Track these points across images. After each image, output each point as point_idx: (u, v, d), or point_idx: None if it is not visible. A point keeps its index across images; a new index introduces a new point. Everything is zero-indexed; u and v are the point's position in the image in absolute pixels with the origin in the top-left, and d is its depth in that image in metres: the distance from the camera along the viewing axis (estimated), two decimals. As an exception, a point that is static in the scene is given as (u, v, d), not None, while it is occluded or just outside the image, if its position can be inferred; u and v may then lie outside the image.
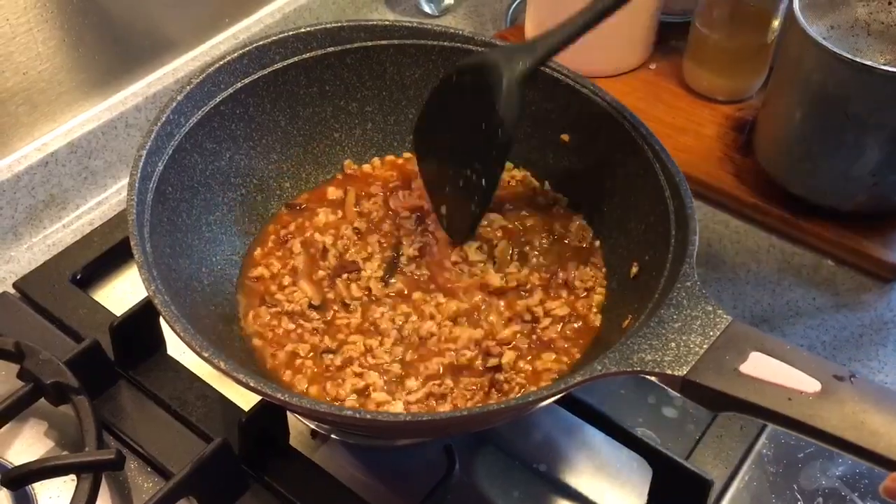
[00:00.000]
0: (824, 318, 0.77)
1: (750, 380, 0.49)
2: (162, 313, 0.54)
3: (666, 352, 0.51)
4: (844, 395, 0.48)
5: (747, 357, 0.50)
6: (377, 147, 0.78)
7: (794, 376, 0.49)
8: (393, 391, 0.61)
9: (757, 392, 0.48)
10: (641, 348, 0.52)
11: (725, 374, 0.50)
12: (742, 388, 0.49)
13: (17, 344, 0.66)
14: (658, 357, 0.51)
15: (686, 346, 0.52)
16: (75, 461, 0.60)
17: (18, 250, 0.80)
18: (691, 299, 0.54)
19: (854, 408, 0.47)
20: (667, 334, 0.52)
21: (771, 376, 0.49)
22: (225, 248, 0.69)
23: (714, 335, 0.52)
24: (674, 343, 0.52)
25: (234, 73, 0.69)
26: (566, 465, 0.67)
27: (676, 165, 0.63)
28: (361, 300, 0.67)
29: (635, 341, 0.52)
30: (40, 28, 0.77)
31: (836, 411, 0.47)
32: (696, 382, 0.50)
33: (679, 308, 0.54)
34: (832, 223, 0.81)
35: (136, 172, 0.60)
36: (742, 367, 0.50)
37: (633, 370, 0.51)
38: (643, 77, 0.97)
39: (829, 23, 0.80)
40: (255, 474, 0.64)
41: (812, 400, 0.48)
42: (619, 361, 0.51)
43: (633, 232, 0.67)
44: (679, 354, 0.51)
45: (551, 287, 0.68)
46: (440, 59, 0.74)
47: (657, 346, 0.52)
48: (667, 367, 0.51)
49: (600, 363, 0.52)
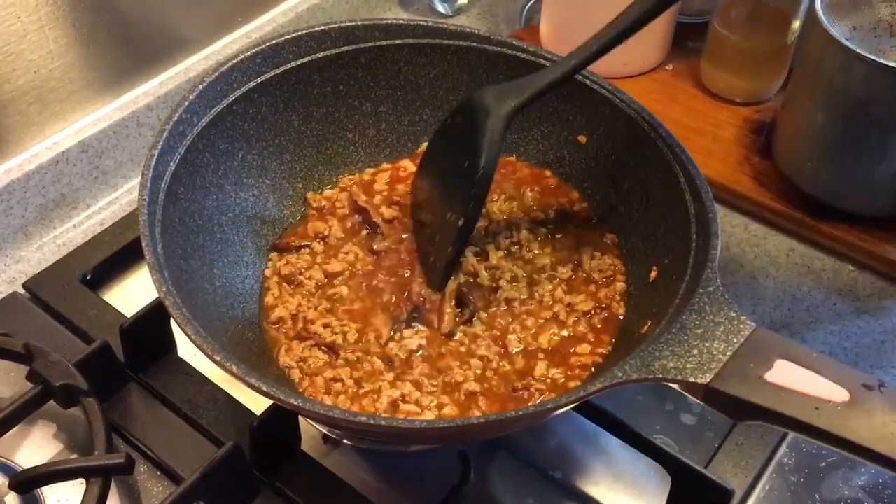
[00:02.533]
0: (845, 324, 0.76)
1: (775, 388, 0.48)
2: (173, 315, 0.53)
3: (689, 359, 0.50)
4: (874, 404, 0.46)
5: (772, 365, 0.49)
6: (391, 148, 0.77)
7: (821, 385, 0.47)
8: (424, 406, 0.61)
9: (783, 401, 0.47)
10: (663, 355, 0.51)
11: (750, 382, 0.48)
12: (767, 396, 0.47)
13: (27, 345, 0.65)
14: (681, 364, 0.50)
15: (709, 353, 0.50)
16: (84, 465, 0.59)
17: (29, 250, 0.80)
18: (714, 305, 0.53)
19: (884, 418, 0.45)
20: (689, 341, 0.51)
21: (797, 385, 0.47)
22: (237, 250, 0.68)
23: (738, 342, 0.50)
24: (696, 350, 0.51)
25: (247, 72, 0.69)
26: (582, 473, 0.66)
27: (697, 167, 0.62)
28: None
29: (657, 348, 0.51)
30: (52, 26, 0.76)
31: (866, 422, 0.45)
32: (719, 391, 0.48)
33: (701, 314, 0.53)
34: (853, 227, 0.80)
35: (148, 172, 0.59)
36: (767, 375, 0.48)
37: (654, 378, 0.50)
38: (659, 78, 0.96)
39: (851, 23, 0.78)
40: (266, 479, 0.63)
41: (840, 410, 0.46)
42: (640, 368, 0.50)
43: (653, 236, 0.65)
44: (702, 361, 0.50)
45: (574, 281, 0.67)
46: (456, 59, 0.73)
47: (679, 352, 0.51)
48: (689, 374, 0.49)
49: (621, 370, 0.50)
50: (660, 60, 0.97)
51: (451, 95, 0.75)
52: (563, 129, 0.72)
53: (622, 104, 0.67)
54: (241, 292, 0.67)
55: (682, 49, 0.98)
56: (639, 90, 0.93)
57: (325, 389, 0.61)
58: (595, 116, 0.70)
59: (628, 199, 0.69)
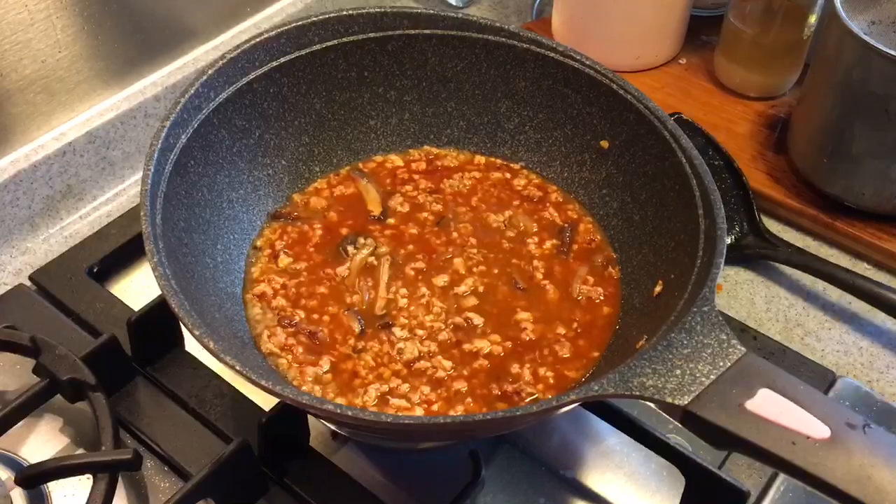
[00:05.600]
0: (861, 322, 0.75)
1: (754, 418, 0.46)
2: (161, 286, 0.52)
3: (669, 378, 0.49)
4: (854, 445, 0.44)
5: (755, 393, 0.47)
6: (413, 138, 0.76)
7: (802, 419, 0.45)
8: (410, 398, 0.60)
9: (759, 432, 0.45)
10: (644, 372, 0.49)
11: (729, 408, 0.46)
12: (744, 425, 0.45)
13: (33, 338, 0.64)
14: (660, 383, 0.48)
15: (692, 375, 0.49)
16: (91, 461, 0.59)
17: (35, 242, 0.79)
18: (706, 325, 0.51)
19: (862, 460, 0.43)
20: (673, 360, 0.49)
21: (777, 416, 0.46)
22: (244, 227, 0.68)
23: (724, 366, 0.49)
24: (679, 370, 0.49)
25: (270, 51, 0.68)
26: (594, 473, 0.65)
27: (714, 183, 0.60)
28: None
29: (639, 364, 0.50)
30: (59, 15, 0.75)
31: (843, 462, 0.43)
32: (696, 415, 0.47)
33: (691, 333, 0.51)
34: (870, 225, 0.79)
35: (157, 143, 0.59)
36: (748, 403, 0.46)
37: (631, 395, 0.48)
38: (673, 72, 0.95)
39: (870, 18, 0.77)
40: (274, 476, 0.62)
41: (818, 447, 0.44)
42: (617, 384, 0.49)
43: (663, 249, 0.64)
44: (683, 383, 0.48)
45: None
46: (484, 54, 0.72)
47: (661, 371, 0.49)
48: (668, 394, 0.48)
49: (598, 384, 0.49)
50: (673, 54, 0.96)
51: (478, 90, 0.74)
52: (587, 133, 0.71)
53: (646, 111, 0.66)
54: (242, 270, 0.66)
55: (696, 43, 0.97)
56: (652, 84, 0.93)
57: (314, 380, 0.61)
58: (619, 122, 0.69)
59: (644, 209, 0.67)
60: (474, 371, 0.62)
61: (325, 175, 0.74)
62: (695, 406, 0.47)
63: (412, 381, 0.61)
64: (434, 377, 0.61)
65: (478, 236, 0.70)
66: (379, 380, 0.61)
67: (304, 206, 0.72)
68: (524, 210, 0.72)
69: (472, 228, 0.71)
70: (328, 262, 0.68)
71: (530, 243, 0.70)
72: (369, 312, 0.65)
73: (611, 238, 0.70)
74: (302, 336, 0.63)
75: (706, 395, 0.47)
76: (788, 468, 0.44)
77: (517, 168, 0.75)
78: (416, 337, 0.63)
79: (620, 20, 0.91)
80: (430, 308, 0.65)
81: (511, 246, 0.70)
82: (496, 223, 0.71)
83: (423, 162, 0.75)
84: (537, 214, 0.72)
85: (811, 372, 0.70)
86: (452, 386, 0.61)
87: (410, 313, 0.65)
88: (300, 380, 0.60)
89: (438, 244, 0.70)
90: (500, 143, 0.76)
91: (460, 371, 0.62)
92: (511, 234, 0.71)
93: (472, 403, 0.60)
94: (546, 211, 0.72)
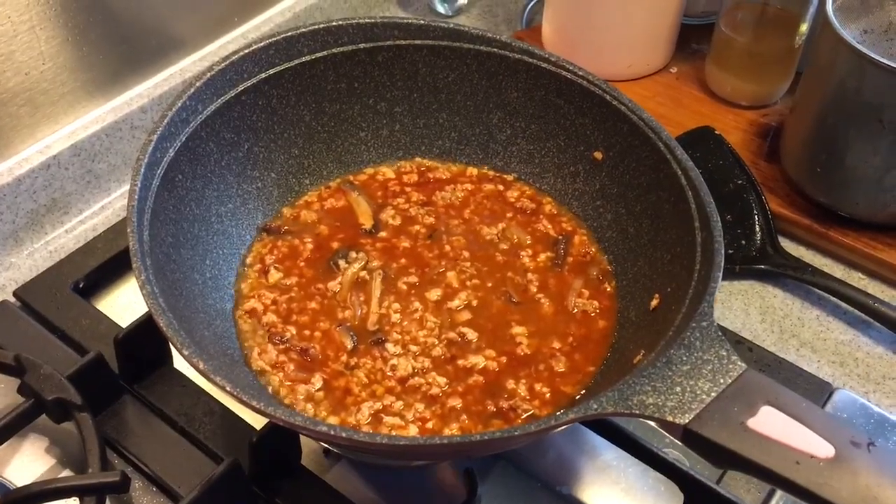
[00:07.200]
0: (856, 333, 0.75)
1: (756, 436, 0.45)
2: (148, 305, 0.51)
3: (670, 396, 0.48)
4: (859, 464, 0.44)
5: (757, 411, 0.46)
6: (404, 150, 0.75)
7: (806, 437, 0.45)
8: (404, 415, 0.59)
9: (762, 451, 0.44)
10: (644, 390, 0.48)
11: (730, 427, 0.46)
12: (746, 444, 0.45)
13: (18, 357, 0.63)
14: (660, 401, 0.48)
15: (692, 393, 0.48)
16: (78, 484, 0.57)
17: (19, 257, 0.78)
18: (705, 341, 0.50)
19: (868, 480, 0.43)
20: (673, 377, 0.49)
21: (780, 435, 0.45)
22: (234, 242, 0.67)
23: (724, 383, 0.48)
24: (679, 388, 0.48)
25: (259, 62, 0.67)
26: (590, 488, 0.64)
27: (710, 195, 0.59)
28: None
29: (638, 381, 0.49)
30: (43, 26, 0.74)
31: (848, 482, 0.43)
32: (698, 433, 0.46)
33: (690, 349, 0.50)
34: (864, 234, 0.78)
35: (144, 157, 0.58)
36: (750, 421, 0.46)
37: (631, 413, 0.48)
38: (664, 81, 0.95)
39: (862, 26, 0.77)
40: (265, 496, 0.61)
41: (822, 466, 0.44)
42: (617, 402, 0.48)
43: (659, 262, 0.63)
44: (683, 401, 0.47)
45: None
46: (475, 64, 0.71)
47: (661, 388, 0.48)
48: (668, 413, 0.47)
49: (597, 402, 0.48)
50: (664, 63, 0.95)
51: (470, 101, 0.73)
52: (580, 144, 0.70)
53: (640, 122, 0.65)
54: (232, 286, 0.65)
55: (687, 51, 0.97)
56: (643, 93, 0.92)
57: (306, 397, 0.59)
58: (613, 133, 0.68)
59: (639, 221, 0.66)
60: (469, 387, 0.61)
61: (315, 188, 0.73)
62: (696, 424, 0.46)
63: (406, 398, 0.60)
64: (428, 394, 0.60)
65: (471, 249, 0.69)
66: (372, 397, 0.60)
67: (295, 219, 0.71)
68: (517, 222, 0.72)
69: (465, 241, 0.70)
70: (319, 276, 0.67)
71: (524, 256, 0.69)
72: (362, 328, 0.64)
73: (605, 250, 0.69)
74: (293, 353, 0.62)
75: (707, 413, 0.47)
76: (792, 488, 0.44)
77: (510, 180, 0.75)
78: (409, 353, 0.62)
79: (612, 28, 0.91)
80: (423, 323, 0.64)
81: (505, 259, 0.69)
82: (489, 235, 0.71)
83: (414, 174, 0.75)
84: (531, 226, 0.71)
85: (808, 384, 0.69)
86: (447, 403, 0.60)
87: (403, 328, 0.64)
88: (292, 398, 0.59)
89: (431, 258, 0.69)
90: (492, 155, 0.75)
91: (455, 387, 0.61)
92: (504, 247, 0.70)
93: (468, 420, 0.59)
94: (540, 223, 0.72)
